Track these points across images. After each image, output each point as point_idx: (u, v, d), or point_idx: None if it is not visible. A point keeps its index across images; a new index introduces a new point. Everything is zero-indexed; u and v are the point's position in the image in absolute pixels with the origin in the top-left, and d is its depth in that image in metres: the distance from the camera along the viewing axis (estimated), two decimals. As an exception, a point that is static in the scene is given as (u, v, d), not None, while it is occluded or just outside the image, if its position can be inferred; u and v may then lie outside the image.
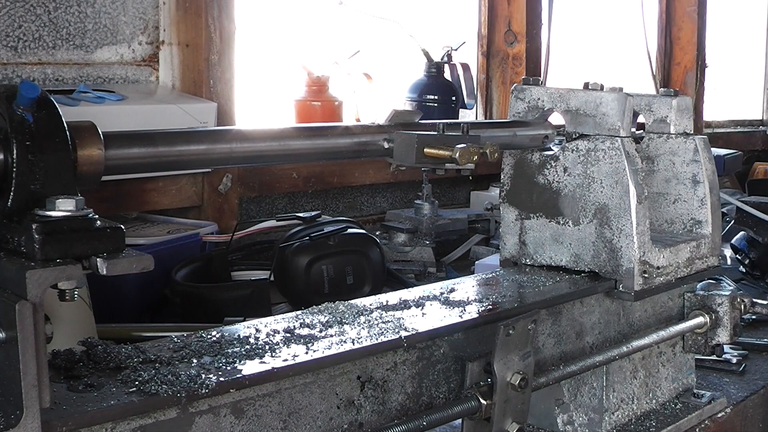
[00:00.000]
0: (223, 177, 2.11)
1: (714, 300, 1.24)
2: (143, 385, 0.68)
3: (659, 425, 1.17)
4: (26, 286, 0.56)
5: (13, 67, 1.85)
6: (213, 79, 2.09)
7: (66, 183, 0.63)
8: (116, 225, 0.61)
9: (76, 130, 0.66)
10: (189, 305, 1.60)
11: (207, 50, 2.08)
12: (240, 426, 0.74)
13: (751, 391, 1.36)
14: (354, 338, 0.83)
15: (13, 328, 0.57)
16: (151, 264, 0.60)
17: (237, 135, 0.79)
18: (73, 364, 0.73)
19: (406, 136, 0.85)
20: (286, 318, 0.90)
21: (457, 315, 0.94)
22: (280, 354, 0.78)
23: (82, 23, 1.95)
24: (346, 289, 1.67)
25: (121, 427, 0.67)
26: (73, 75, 1.94)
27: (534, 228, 1.18)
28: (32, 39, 1.87)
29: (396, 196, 2.66)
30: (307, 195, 2.43)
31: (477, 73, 3.04)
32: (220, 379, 0.71)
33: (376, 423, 0.85)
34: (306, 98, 2.42)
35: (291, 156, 0.85)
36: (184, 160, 0.76)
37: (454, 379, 0.93)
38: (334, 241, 1.68)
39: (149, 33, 2.07)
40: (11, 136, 0.61)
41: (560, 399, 1.11)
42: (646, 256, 1.11)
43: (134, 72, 2.06)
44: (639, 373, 1.19)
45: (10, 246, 0.60)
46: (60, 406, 0.64)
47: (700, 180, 1.27)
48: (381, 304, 0.96)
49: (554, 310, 1.06)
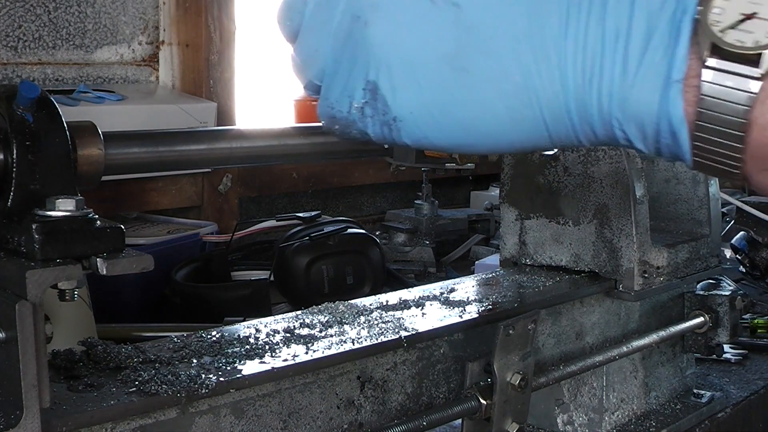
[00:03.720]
0: (223, 177, 2.11)
1: (714, 300, 1.24)
2: (143, 385, 0.68)
3: (659, 425, 1.17)
4: (26, 286, 0.56)
5: (13, 67, 1.85)
6: (213, 79, 2.10)
7: (66, 183, 0.63)
8: (116, 225, 0.61)
9: (76, 130, 0.66)
10: (189, 305, 1.60)
11: (207, 50, 2.08)
12: (240, 426, 0.74)
13: (751, 391, 1.36)
14: (354, 338, 0.84)
15: (13, 328, 0.57)
16: (151, 264, 0.60)
17: (237, 135, 0.79)
18: (73, 364, 0.73)
19: (406, 136, 0.85)
20: (286, 318, 0.90)
21: (457, 315, 0.94)
22: (280, 354, 0.78)
23: (82, 23, 1.95)
24: (346, 289, 1.67)
25: (121, 427, 0.67)
26: (73, 75, 1.94)
27: (534, 228, 1.18)
28: (32, 39, 1.87)
29: (396, 196, 2.66)
30: (307, 195, 2.43)
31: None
32: (220, 379, 0.71)
33: (376, 423, 0.85)
34: (306, 98, 2.42)
35: (291, 156, 0.85)
36: (184, 160, 0.76)
37: (454, 379, 0.93)
38: (334, 241, 1.68)
39: (149, 33, 2.07)
40: (11, 136, 0.61)
41: (560, 399, 1.11)
42: (646, 256, 1.11)
43: (134, 72, 2.06)
44: (639, 373, 1.19)
45: (9, 246, 0.60)
46: (60, 406, 0.64)
47: (699, 180, 1.27)
48: (381, 304, 0.96)
49: (554, 310, 1.06)
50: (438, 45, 0.60)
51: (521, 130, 0.61)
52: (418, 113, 0.62)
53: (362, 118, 0.64)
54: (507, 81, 0.58)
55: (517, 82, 0.58)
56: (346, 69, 0.64)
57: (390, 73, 0.61)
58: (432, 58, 0.60)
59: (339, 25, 0.64)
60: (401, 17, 0.61)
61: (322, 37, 0.65)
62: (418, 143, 0.64)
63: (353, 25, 0.63)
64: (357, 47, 0.63)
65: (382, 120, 0.63)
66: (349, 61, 0.64)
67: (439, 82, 0.60)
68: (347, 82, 0.64)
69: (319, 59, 0.66)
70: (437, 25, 0.60)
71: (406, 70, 0.61)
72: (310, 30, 0.66)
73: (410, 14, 0.60)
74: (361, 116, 0.64)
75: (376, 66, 0.62)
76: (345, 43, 0.64)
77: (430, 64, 0.60)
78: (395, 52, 0.61)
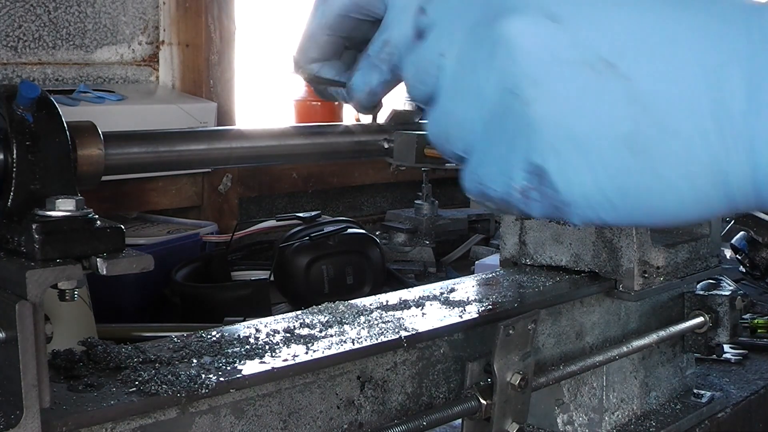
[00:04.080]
0: (223, 177, 2.11)
1: (714, 300, 1.24)
2: (143, 385, 0.68)
3: (659, 425, 1.17)
4: (26, 286, 0.56)
5: (13, 67, 1.85)
6: (213, 79, 2.10)
7: (66, 183, 0.63)
8: (116, 225, 0.61)
9: (76, 130, 0.66)
10: (189, 305, 1.60)
11: (207, 50, 2.08)
12: (240, 426, 0.74)
13: (751, 391, 1.36)
14: (354, 338, 0.83)
15: (13, 328, 0.57)
16: (151, 264, 0.60)
17: (237, 135, 0.79)
18: (73, 364, 0.73)
19: (406, 136, 0.85)
20: (286, 318, 0.90)
21: (457, 315, 0.94)
22: (280, 354, 0.78)
23: (82, 23, 1.95)
24: (346, 289, 1.67)
25: (121, 427, 0.67)
26: (73, 75, 1.95)
27: (534, 228, 1.18)
28: (32, 39, 1.88)
29: (396, 196, 2.67)
30: (307, 195, 2.43)
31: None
32: (220, 379, 0.71)
33: (376, 423, 0.85)
34: (306, 98, 2.42)
35: (291, 156, 0.85)
36: (184, 160, 0.76)
37: (454, 379, 0.93)
38: (334, 241, 1.68)
39: (149, 33, 2.07)
40: (11, 136, 0.61)
41: (560, 399, 1.11)
42: (646, 256, 1.11)
43: (134, 72, 2.06)
44: (639, 373, 1.19)
45: (10, 246, 0.60)
46: (60, 406, 0.64)
47: (700, 180, 1.27)
48: (381, 304, 0.96)
49: (554, 310, 1.06)
50: (612, 125, 0.54)
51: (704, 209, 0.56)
52: (593, 197, 0.56)
53: (525, 201, 0.58)
54: (692, 163, 0.53)
55: (704, 163, 0.53)
56: (503, 148, 0.58)
57: (558, 157, 0.55)
58: (606, 139, 0.54)
59: (491, 98, 0.57)
60: (566, 94, 0.54)
61: (468, 109, 0.59)
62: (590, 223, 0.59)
63: (511, 101, 0.56)
64: (517, 127, 0.56)
65: (549, 204, 0.57)
66: (506, 141, 0.57)
67: (617, 166, 0.54)
68: (505, 163, 0.58)
69: (466, 133, 0.60)
70: (608, 101, 0.53)
71: (578, 153, 0.55)
72: (453, 99, 0.60)
73: (575, 90, 0.54)
74: (523, 199, 0.58)
75: (541, 149, 0.56)
76: (501, 120, 0.57)
77: (604, 146, 0.54)
78: (563, 133, 0.55)
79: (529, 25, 0.55)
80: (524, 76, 0.55)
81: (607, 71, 0.53)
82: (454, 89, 0.60)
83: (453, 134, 0.61)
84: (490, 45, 0.57)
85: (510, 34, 0.55)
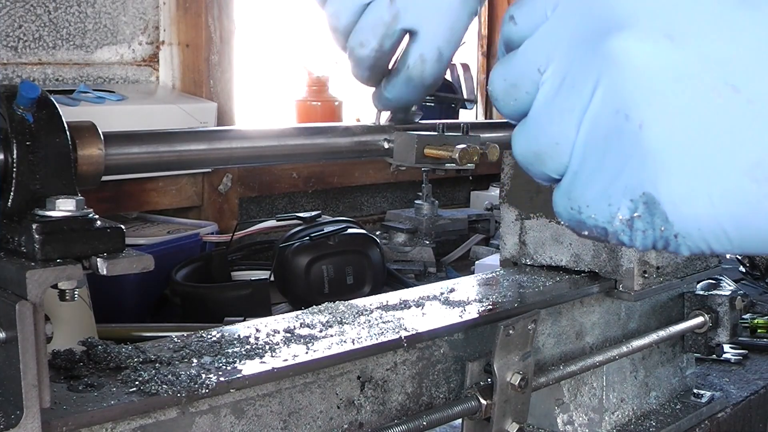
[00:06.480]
0: (223, 177, 2.11)
1: (714, 300, 1.24)
2: (143, 385, 0.68)
3: (659, 425, 1.17)
4: (26, 286, 0.56)
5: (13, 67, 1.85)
6: (213, 79, 2.10)
7: (66, 183, 0.63)
8: (116, 225, 0.61)
9: (76, 130, 0.66)
10: (189, 305, 1.60)
11: (207, 50, 2.08)
12: (240, 426, 0.74)
13: (751, 391, 1.36)
14: (354, 338, 0.84)
15: (13, 328, 0.57)
16: (151, 264, 0.60)
17: (237, 135, 0.79)
18: (73, 364, 0.73)
19: (406, 136, 0.85)
20: (286, 318, 0.90)
21: (457, 315, 0.94)
22: (280, 354, 0.78)
23: (82, 23, 1.95)
24: (346, 289, 1.67)
25: (121, 427, 0.67)
26: (73, 75, 1.95)
27: (534, 228, 1.18)
28: (32, 39, 1.87)
29: (396, 196, 2.67)
30: (307, 195, 2.43)
31: (477, 72, 3.04)
32: (220, 379, 0.71)
33: (376, 423, 0.85)
34: (306, 98, 2.43)
35: (291, 156, 0.85)
36: (184, 160, 0.76)
37: (454, 379, 0.93)
38: (334, 241, 1.68)
39: (149, 33, 2.07)
40: (11, 136, 0.61)
41: (560, 399, 1.11)
42: (646, 256, 1.11)
43: (134, 72, 2.06)
44: (639, 373, 1.19)
45: (10, 246, 0.60)
46: (60, 406, 0.64)
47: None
48: (381, 304, 0.96)
49: (554, 310, 1.06)
50: (738, 153, 0.50)
51: None
52: (707, 229, 0.52)
53: (629, 232, 0.54)
54: None
55: None
56: (607, 173, 0.54)
57: (674, 185, 0.51)
58: (728, 168, 0.50)
59: (595, 119, 0.54)
60: (684, 118, 0.50)
61: (567, 129, 0.55)
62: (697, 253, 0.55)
63: (620, 122, 0.52)
64: (625, 150, 0.52)
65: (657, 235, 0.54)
66: (611, 165, 0.53)
67: (737, 197, 0.50)
68: (608, 188, 0.54)
69: (563, 154, 0.56)
70: (733, 127, 0.50)
71: (697, 182, 0.51)
72: (550, 117, 0.56)
73: (693, 113, 0.50)
74: (627, 229, 0.54)
75: (654, 176, 0.52)
76: (606, 142, 0.53)
77: (725, 175, 0.50)
78: (681, 160, 0.51)
79: (643, 43, 0.52)
80: (638, 96, 0.52)
81: (731, 95, 0.50)
82: (552, 107, 0.56)
83: (546, 154, 0.57)
84: (598, 62, 0.53)
85: (622, 52, 0.52)
